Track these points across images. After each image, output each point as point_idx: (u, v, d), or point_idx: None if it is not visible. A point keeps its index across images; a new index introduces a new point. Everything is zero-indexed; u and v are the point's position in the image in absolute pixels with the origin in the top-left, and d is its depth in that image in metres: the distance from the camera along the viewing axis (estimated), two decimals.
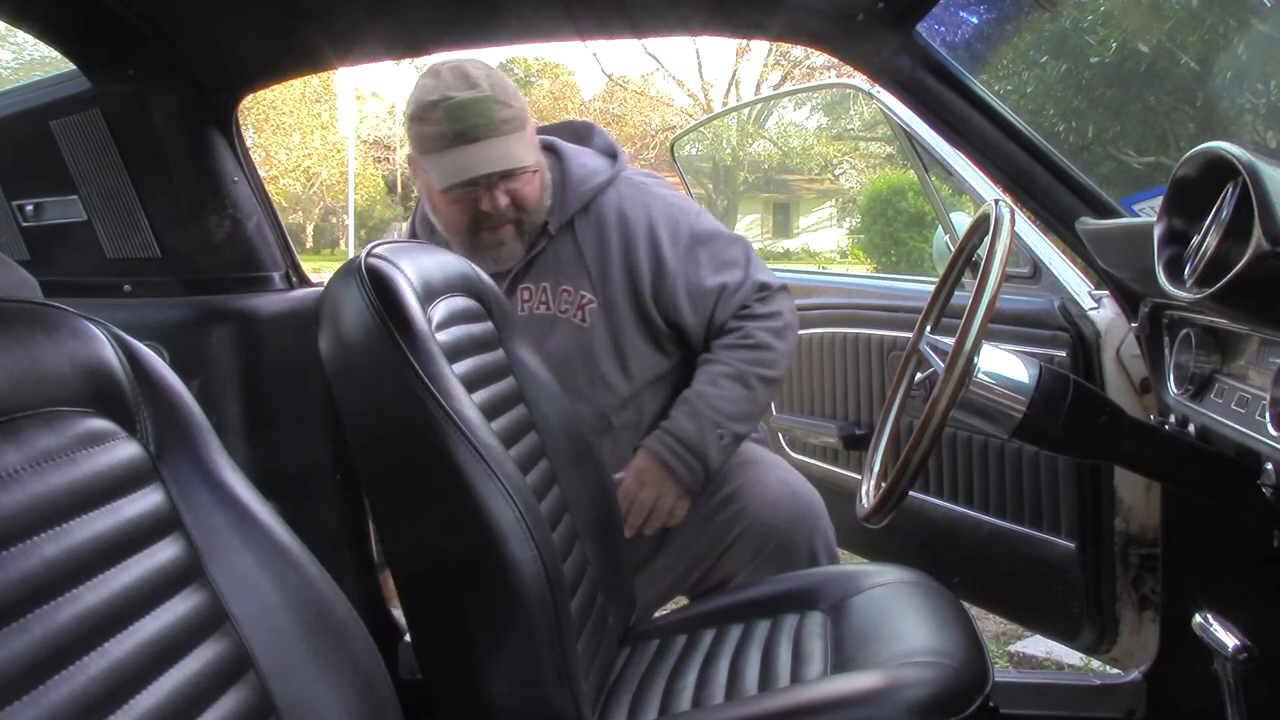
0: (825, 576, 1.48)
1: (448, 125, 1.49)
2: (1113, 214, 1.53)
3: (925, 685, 1.12)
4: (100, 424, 0.73)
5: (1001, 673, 2.36)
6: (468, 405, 1.13)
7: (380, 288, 1.12)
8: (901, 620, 1.30)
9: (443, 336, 1.20)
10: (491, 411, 1.25)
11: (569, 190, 1.64)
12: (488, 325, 1.38)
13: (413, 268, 1.20)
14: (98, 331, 0.77)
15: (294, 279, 1.68)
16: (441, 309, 1.24)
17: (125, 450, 0.75)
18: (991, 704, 1.19)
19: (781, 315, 1.68)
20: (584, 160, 1.67)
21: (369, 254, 1.17)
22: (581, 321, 1.63)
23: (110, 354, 0.76)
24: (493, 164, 1.50)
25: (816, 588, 1.43)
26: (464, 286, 1.35)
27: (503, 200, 1.53)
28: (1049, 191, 1.55)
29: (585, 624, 1.30)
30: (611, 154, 1.70)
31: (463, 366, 1.22)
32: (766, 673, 1.28)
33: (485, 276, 1.44)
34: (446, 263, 1.34)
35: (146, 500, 0.75)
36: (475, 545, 1.08)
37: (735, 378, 1.61)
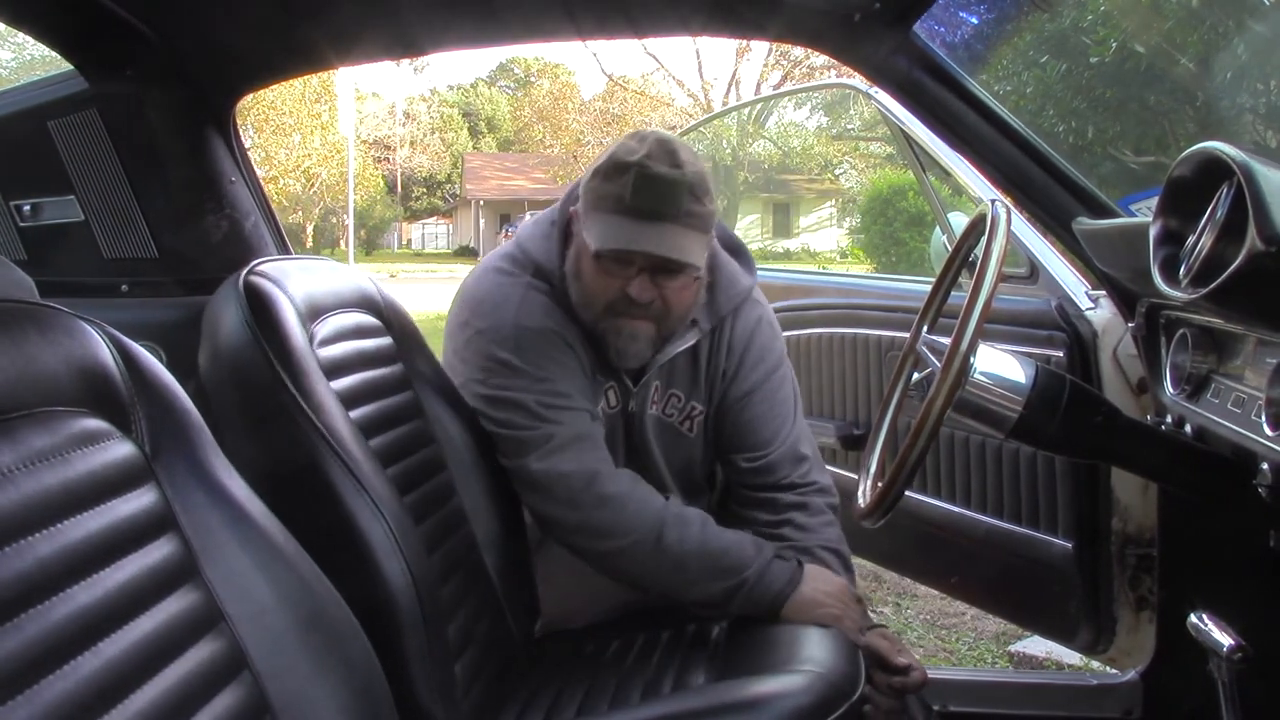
0: None
1: (630, 191, 1.34)
2: (1110, 214, 1.53)
3: (793, 695, 1.14)
4: (95, 424, 0.74)
5: (999, 673, 2.37)
6: (341, 421, 1.15)
7: (256, 306, 1.14)
8: (787, 628, 1.32)
9: (326, 352, 1.22)
10: (379, 426, 1.27)
11: (721, 292, 1.53)
12: (385, 340, 1.39)
13: (297, 285, 1.22)
14: (93, 331, 0.77)
15: None
16: (328, 326, 1.25)
17: (120, 450, 0.75)
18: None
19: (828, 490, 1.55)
20: (731, 266, 1.56)
21: (250, 271, 1.19)
22: (689, 431, 1.56)
23: (105, 354, 0.77)
24: (660, 247, 1.34)
25: None
26: (359, 302, 1.36)
27: (650, 294, 1.38)
28: (1046, 191, 1.55)
29: (475, 636, 1.31)
30: (747, 260, 1.60)
31: (347, 382, 1.24)
32: (655, 682, 1.30)
33: (385, 292, 1.45)
34: (339, 279, 1.36)
35: (141, 500, 0.75)
36: (344, 561, 1.07)
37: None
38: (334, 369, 1.22)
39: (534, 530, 1.51)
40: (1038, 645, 2.52)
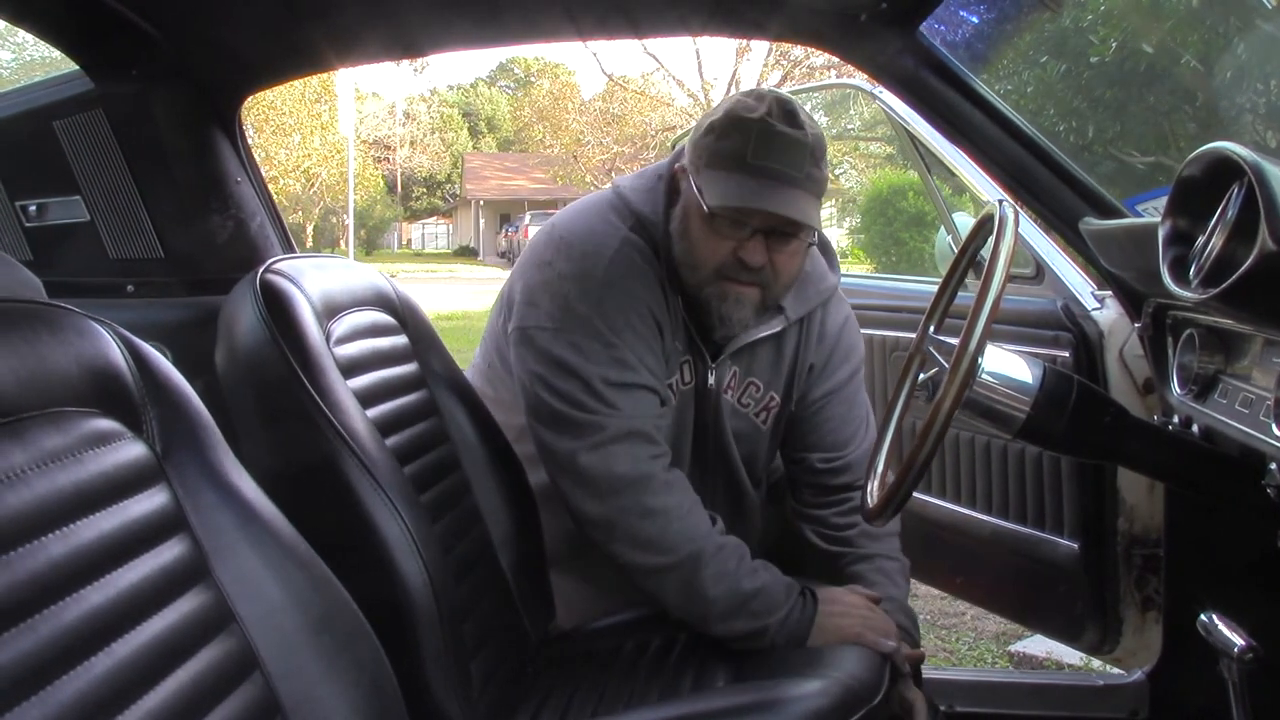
0: None
1: (751, 149, 1.29)
2: (1116, 214, 1.53)
3: (812, 698, 1.14)
4: (106, 424, 0.74)
5: (1005, 673, 2.37)
6: (358, 420, 1.15)
7: (273, 304, 1.14)
8: None
9: (342, 351, 1.21)
10: (396, 424, 1.27)
11: (811, 284, 1.49)
12: (400, 339, 1.39)
13: (313, 283, 1.22)
14: (103, 331, 0.77)
15: None
16: (344, 324, 1.25)
17: (131, 450, 0.75)
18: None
19: None
20: (820, 261, 1.52)
21: (267, 269, 1.18)
22: (763, 423, 1.51)
23: (116, 354, 0.76)
24: (781, 207, 1.29)
25: None
26: (374, 300, 1.36)
27: (762, 258, 1.32)
28: (1052, 191, 1.55)
29: (490, 635, 1.30)
30: (833, 257, 1.57)
31: (364, 380, 1.24)
32: (672, 683, 1.29)
33: (401, 290, 1.44)
34: (354, 277, 1.35)
35: (152, 500, 0.75)
36: (361, 559, 1.09)
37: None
38: (350, 367, 1.22)
39: (550, 533, 1.49)
40: (1038, 645, 2.52)
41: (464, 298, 12.58)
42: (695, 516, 1.33)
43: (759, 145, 1.29)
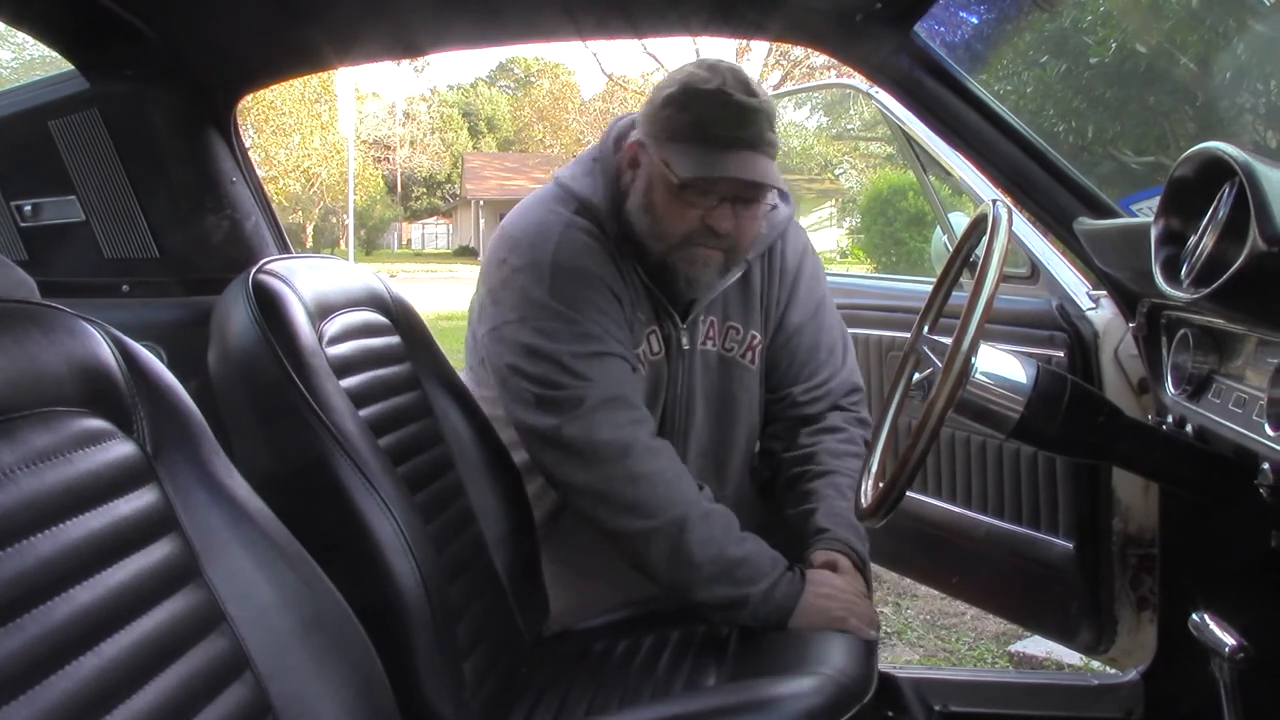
0: None
1: (716, 120, 1.34)
2: (1110, 214, 1.53)
3: (805, 697, 1.13)
4: (96, 424, 0.74)
5: (1000, 673, 2.37)
6: (350, 420, 1.15)
7: (265, 304, 1.14)
8: (796, 629, 1.31)
9: (335, 351, 1.22)
10: (388, 425, 1.27)
11: (765, 220, 1.51)
12: (393, 339, 1.39)
13: (305, 283, 1.22)
14: (94, 331, 0.77)
15: None
16: (337, 324, 1.26)
17: (121, 450, 0.75)
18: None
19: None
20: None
21: (259, 269, 1.19)
22: (751, 363, 1.54)
23: (107, 354, 0.77)
24: (749, 173, 1.34)
25: None
26: (367, 300, 1.36)
27: (730, 224, 1.37)
28: (1047, 192, 1.55)
29: (483, 635, 1.31)
30: (783, 190, 1.59)
31: (356, 380, 1.25)
32: (665, 682, 1.30)
33: (394, 290, 1.44)
34: (348, 277, 1.36)
35: (142, 500, 0.75)
36: (353, 560, 1.09)
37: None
38: (343, 368, 1.22)
39: (542, 526, 1.50)
40: (1037, 645, 2.53)
41: (464, 298, 12.51)
42: (682, 482, 1.35)
43: (722, 115, 1.34)
